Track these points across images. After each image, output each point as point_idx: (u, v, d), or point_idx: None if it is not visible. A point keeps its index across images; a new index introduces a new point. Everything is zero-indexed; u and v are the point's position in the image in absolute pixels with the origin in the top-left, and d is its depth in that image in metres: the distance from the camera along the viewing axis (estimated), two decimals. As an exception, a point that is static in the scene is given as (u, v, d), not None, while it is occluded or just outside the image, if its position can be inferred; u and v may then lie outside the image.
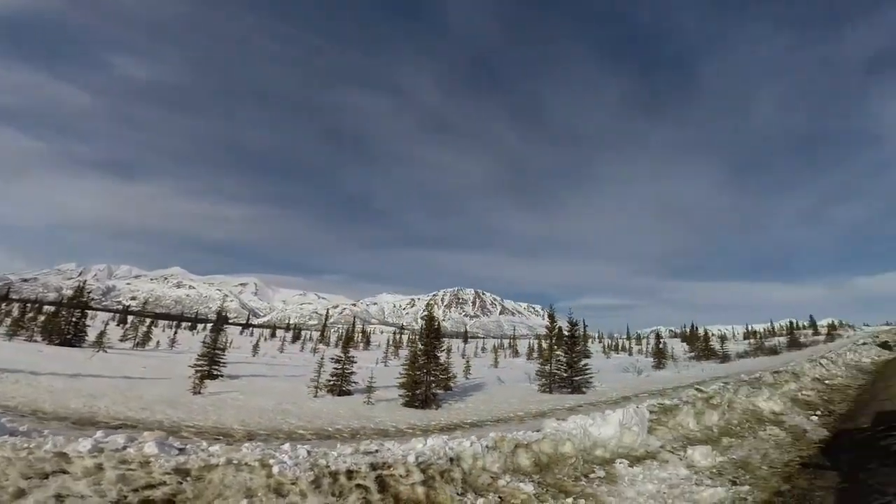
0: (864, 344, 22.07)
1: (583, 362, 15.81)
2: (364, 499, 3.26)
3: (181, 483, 3.13)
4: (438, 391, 12.94)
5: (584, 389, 14.77)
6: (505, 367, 33.30)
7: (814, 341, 47.11)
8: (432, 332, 13.14)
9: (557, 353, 15.86)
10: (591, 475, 4.28)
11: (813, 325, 79.15)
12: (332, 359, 14.52)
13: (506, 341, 75.83)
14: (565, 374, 15.31)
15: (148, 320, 57.09)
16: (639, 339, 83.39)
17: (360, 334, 72.32)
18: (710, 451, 4.80)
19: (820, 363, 12.25)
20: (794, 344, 40.91)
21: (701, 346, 36.98)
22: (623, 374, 22.52)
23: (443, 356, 14.20)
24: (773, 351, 34.83)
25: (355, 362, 15.13)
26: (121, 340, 34.96)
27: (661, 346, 32.89)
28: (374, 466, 3.54)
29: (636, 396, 11.39)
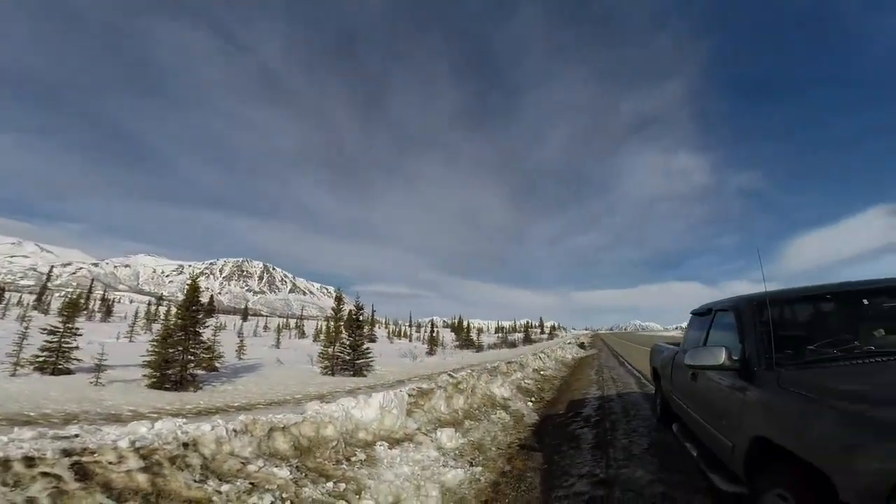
0: (569, 343, 29.44)
1: (365, 346, 16.32)
2: (56, 488, 2.61)
3: None
4: (199, 372, 11.33)
5: (365, 372, 15.28)
6: (288, 348, 31.68)
7: (540, 339, 60.31)
8: (194, 304, 11.36)
9: (343, 335, 15.95)
10: (353, 458, 4.25)
11: (541, 325, 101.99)
12: (45, 329, 11.08)
13: (293, 321, 72.27)
14: (348, 357, 15.49)
15: None
16: (419, 327, 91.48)
17: (100, 302, 57.33)
18: (454, 433, 5.27)
19: (539, 357, 15.63)
20: (527, 340, 51.67)
21: (464, 337, 43.27)
22: (401, 359, 24.25)
23: (207, 333, 12.47)
24: (513, 345, 43.17)
25: (80, 335, 11.91)
26: None
27: (434, 334, 36.94)
28: (68, 452, 2.85)
29: (409, 380, 12.37)
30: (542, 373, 13.01)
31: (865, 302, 3.26)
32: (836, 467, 1.82)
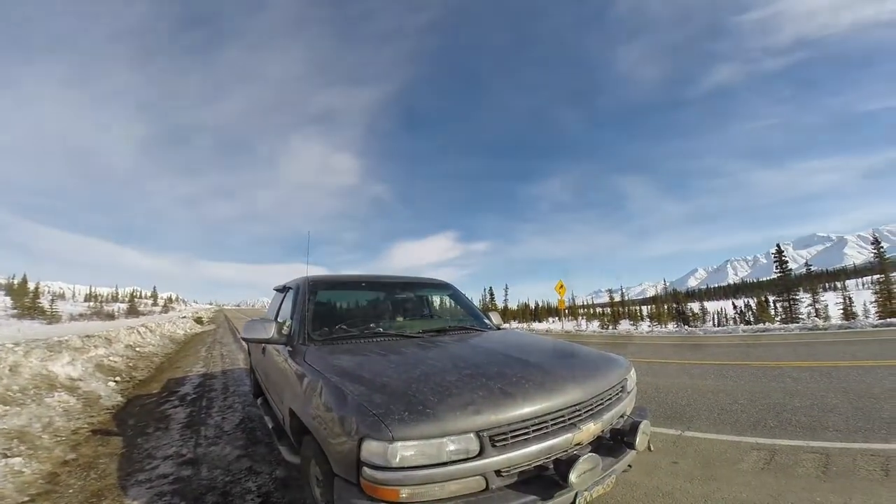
0: (184, 318, 26.77)
1: None
2: None
3: None
4: None
5: None
6: None
7: (151, 311, 51.86)
8: None
9: None
10: None
11: (155, 296, 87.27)
12: None
13: None
14: None
15: None
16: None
17: None
18: (-32, 422, 4.13)
19: (138, 331, 13.57)
20: (133, 312, 43.28)
21: (29, 303, 31.75)
22: None
23: None
24: (111, 316, 35.17)
25: None
26: None
27: (-36, 295, 25.10)
28: None
29: None
30: (137, 349, 11.33)
31: (393, 292, 3.99)
32: (323, 438, 1.92)
